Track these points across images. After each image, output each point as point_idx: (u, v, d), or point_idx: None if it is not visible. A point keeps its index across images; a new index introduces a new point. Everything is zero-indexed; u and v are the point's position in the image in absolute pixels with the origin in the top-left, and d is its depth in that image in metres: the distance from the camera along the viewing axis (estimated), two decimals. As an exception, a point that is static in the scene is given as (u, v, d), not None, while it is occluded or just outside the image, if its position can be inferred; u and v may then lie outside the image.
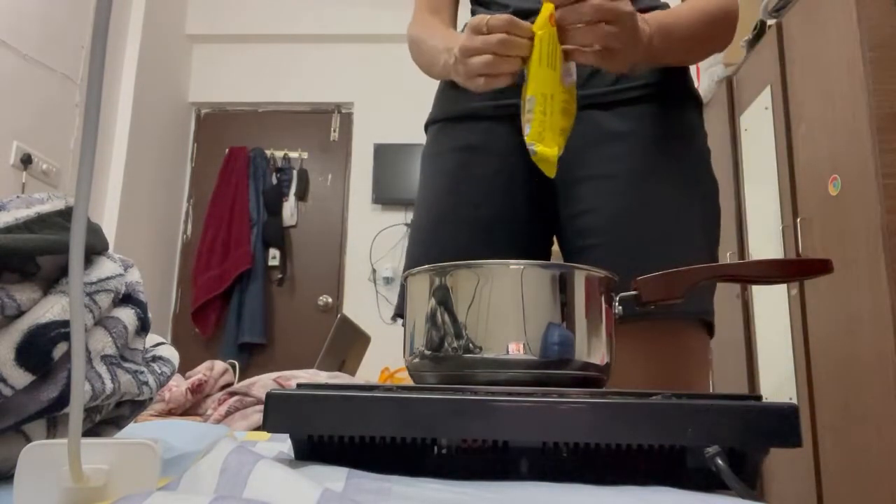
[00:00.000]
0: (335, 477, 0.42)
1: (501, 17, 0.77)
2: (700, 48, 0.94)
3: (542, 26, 0.76)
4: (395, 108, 4.10)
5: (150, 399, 0.68)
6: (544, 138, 0.75)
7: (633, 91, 0.97)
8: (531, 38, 0.77)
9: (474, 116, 1.04)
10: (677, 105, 0.99)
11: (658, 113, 0.97)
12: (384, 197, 4.07)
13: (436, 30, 1.07)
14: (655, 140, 0.95)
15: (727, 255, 2.74)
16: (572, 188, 0.98)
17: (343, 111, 4.28)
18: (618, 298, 0.66)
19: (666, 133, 0.96)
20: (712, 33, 0.93)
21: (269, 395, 0.48)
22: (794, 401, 2.26)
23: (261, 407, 1.26)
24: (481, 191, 1.01)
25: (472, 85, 0.82)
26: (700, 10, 0.91)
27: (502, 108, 1.02)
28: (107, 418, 0.65)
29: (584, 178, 0.96)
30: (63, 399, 0.52)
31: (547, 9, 0.76)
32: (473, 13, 1.14)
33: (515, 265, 0.63)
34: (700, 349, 0.93)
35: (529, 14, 1.01)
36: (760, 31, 2.63)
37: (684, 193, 0.95)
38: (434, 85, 1.21)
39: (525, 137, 0.77)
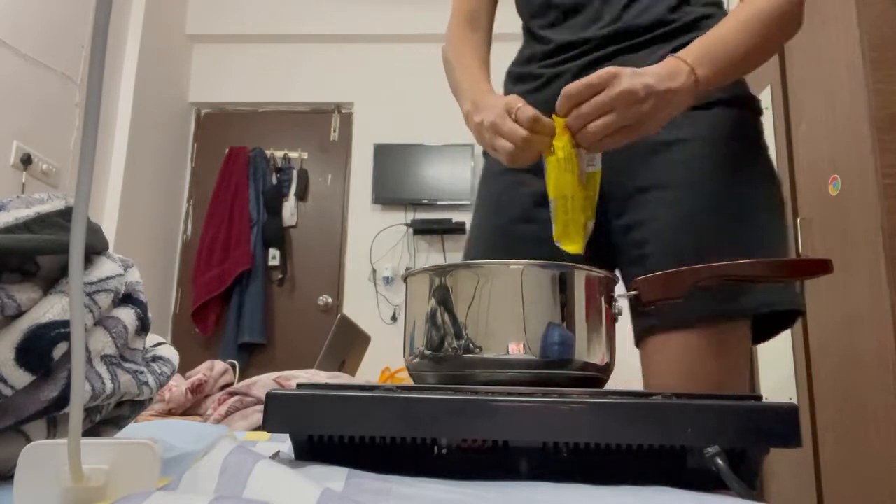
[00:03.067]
0: (335, 477, 0.42)
1: (528, 113, 0.81)
2: (762, 52, 0.90)
3: (558, 137, 0.80)
4: (395, 108, 4.10)
5: (150, 399, 0.68)
6: (569, 234, 0.81)
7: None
8: (552, 135, 0.81)
9: None
10: (730, 110, 0.97)
11: (710, 119, 0.96)
12: (384, 197, 4.06)
13: (466, 60, 1.09)
14: (707, 146, 0.95)
15: (727, 255, 2.73)
16: (625, 201, 0.98)
17: (343, 111, 4.28)
18: (618, 298, 0.66)
19: (718, 138, 0.95)
20: (771, 34, 0.89)
21: (269, 396, 0.48)
22: (794, 401, 2.26)
23: (261, 407, 1.26)
24: (526, 208, 1.04)
25: (492, 154, 0.88)
26: (753, 15, 0.87)
27: None
28: (107, 418, 0.65)
29: (637, 190, 0.97)
30: (63, 399, 0.52)
31: (559, 122, 0.81)
32: (526, 42, 1.14)
33: (515, 265, 0.63)
34: (734, 351, 0.92)
35: (572, 46, 1.02)
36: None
37: (742, 198, 0.94)
38: (432, 85, 1.21)
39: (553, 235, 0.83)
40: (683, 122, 0.94)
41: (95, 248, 0.59)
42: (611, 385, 0.64)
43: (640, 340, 0.96)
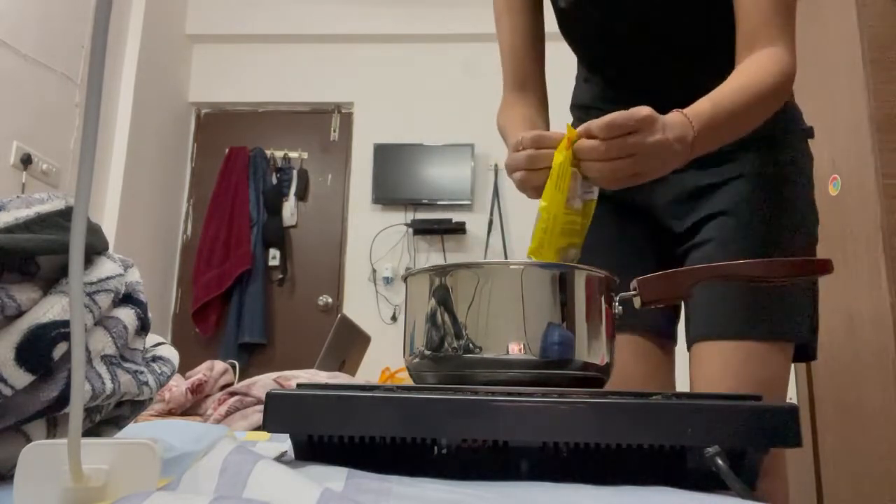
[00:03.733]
0: (335, 477, 0.42)
1: (532, 133, 0.79)
2: (751, 124, 0.91)
3: (560, 150, 0.76)
4: (395, 108, 4.10)
5: (150, 399, 0.68)
6: (542, 255, 0.77)
7: (725, 155, 0.99)
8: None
9: None
10: (773, 147, 1.02)
11: (751, 160, 1.01)
12: (384, 197, 4.06)
13: (516, 121, 1.09)
14: (752, 182, 1.00)
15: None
16: (682, 234, 1.04)
17: (343, 111, 4.28)
18: (618, 298, 0.66)
19: (763, 171, 1.00)
20: (767, 105, 0.89)
21: (269, 396, 0.48)
22: (794, 401, 2.26)
23: (261, 407, 1.26)
24: (603, 240, 1.08)
25: (526, 195, 0.85)
26: (753, 89, 0.86)
27: None
28: (107, 418, 0.65)
29: (694, 224, 1.03)
30: (63, 399, 0.52)
31: (569, 132, 0.76)
32: (583, 75, 1.17)
33: (515, 265, 0.63)
34: (776, 368, 0.95)
35: (637, 92, 1.03)
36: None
37: (786, 223, 0.99)
38: (432, 85, 1.21)
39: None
40: (727, 166, 1.01)
41: (95, 248, 0.59)
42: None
43: (689, 347, 0.99)
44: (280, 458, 0.51)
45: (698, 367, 0.96)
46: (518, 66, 1.13)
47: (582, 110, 1.15)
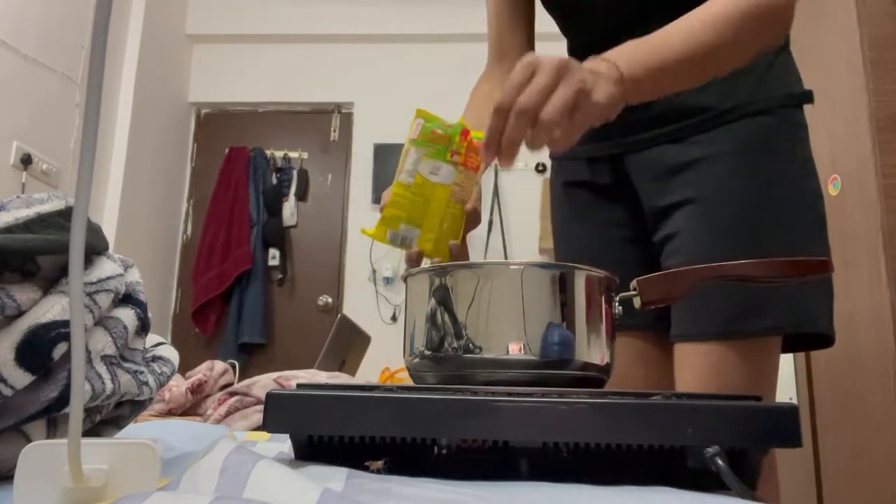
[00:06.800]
0: (335, 477, 0.42)
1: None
2: (721, 54, 0.80)
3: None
4: (395, 108, 4.09)
5: (150, 399, 0.68)
6: (384, 214, 0.87)
7: (704, 124, 0.95)
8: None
9: (576, 158, 1.10)
10: (759, 120, 0.94)
11: (738, 132, 0.93)
12: (384, 197, 4.06)
13: (472, 99, 1.10)
14: (736, 161, 0.92)
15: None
16: (659, 217, 0.99)
17: (343, 111, 4.28)
18: (618, 298, 0.66)
19: (748, 152, 0.92)
20: (732, 35, 0.78)
21: (269, 396, 0.48)
22: (794, 401, 2.26)
23: (261, 407, 1.26)
24: (582, 223, 1.09)
25: None
26: (708, 15, 0.78)
27: (600, 149, 1.05)
28: (107, 418, 0.65)
29: (668, 207, 0.97)
30: (63, 399, 0.52)
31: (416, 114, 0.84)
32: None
33: (515, 265, 0.63)
34: (761, 364, 0.92)
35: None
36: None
37: (768, 208, 0.92)
38: (433, 85, 1.21)
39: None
40: (711, 138, 0.94)
41: (95, 248, 0.59)
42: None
43: (672, 345, 0.96)
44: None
45: (679, 368, 0.94)
46: (500, 35, 1.12)
47: None
